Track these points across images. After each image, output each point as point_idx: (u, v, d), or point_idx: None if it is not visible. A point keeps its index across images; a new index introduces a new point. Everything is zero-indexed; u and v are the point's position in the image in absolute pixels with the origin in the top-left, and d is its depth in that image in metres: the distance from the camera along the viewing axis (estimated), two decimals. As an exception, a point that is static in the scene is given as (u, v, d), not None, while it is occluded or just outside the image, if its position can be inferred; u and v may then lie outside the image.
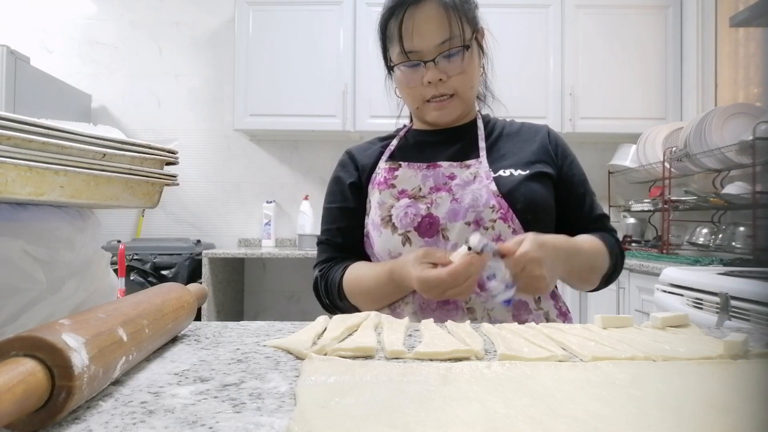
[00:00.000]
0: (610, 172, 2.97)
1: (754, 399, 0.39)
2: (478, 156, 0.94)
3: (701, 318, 1.47)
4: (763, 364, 0.48)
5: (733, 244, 2.06)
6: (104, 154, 0.54)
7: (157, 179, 0.62)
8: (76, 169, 0.51)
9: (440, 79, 0.90)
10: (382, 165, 0.98)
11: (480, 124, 0.99)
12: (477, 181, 0.90)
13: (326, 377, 0.41)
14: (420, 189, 0.92)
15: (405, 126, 1.07)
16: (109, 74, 3.13)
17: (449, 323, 0.63)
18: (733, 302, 1.39)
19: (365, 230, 0.98)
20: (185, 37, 3.14)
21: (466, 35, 0.89)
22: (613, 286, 2.24)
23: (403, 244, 0.90)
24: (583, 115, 2.79)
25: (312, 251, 2.64)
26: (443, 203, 0.89)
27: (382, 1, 0.94)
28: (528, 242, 0.74)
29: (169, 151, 0.63)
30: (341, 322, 0.61)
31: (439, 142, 0.99)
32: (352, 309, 0.93)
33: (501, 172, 0.91)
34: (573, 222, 0.96)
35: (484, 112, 1.06)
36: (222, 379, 0.43)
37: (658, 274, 1.81)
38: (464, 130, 0.99)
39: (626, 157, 2.82)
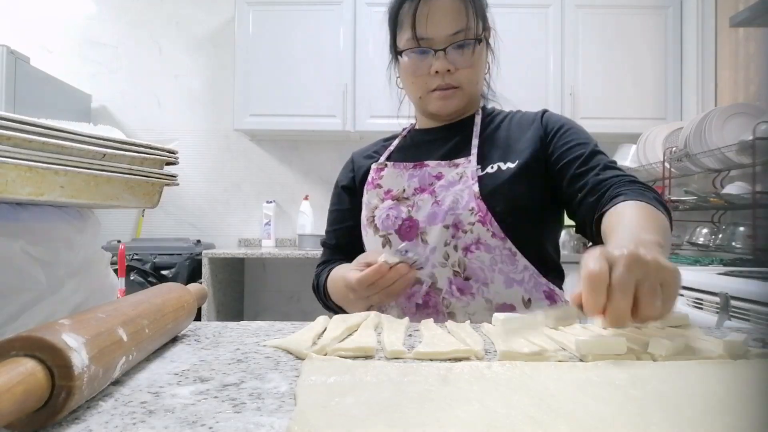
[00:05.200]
0: (610, 172, 2.96)
1: (754, 399, 0.39)
2: (469, 154, 0.91)
3: (701, 318, 1.47)
4: (763, 364, 0.48)
5: (733, 244, 2.06)
6: (104, 154, 0.54)
7: (157, 179, 0.62)
8: (76, 169, 0.51)
9: (448, 70, 0.88)
10: (373, 165, 0.97)
11: (478, 120, 0.96)
12: (462, 181, 0.87)
13: (326, 377, 0.41)
14: (404, 190, 0.91)
15: (409, 126, 1.07)
16: (109, 74, 3.12)
17: (449, 323, 0.63)
18: (733, 302, 1.39)
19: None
20: (185, 37, 3.14)
21: (478, 29, 0.88)
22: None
23: (383, 246, 0.90)
24: (583, 115, 2.79)
25: (312, 251, 2.64)
26: (424, 206, 0.88)
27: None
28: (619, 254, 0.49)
29: (169, 151, 0.63)
30: (341, 322, 0.61)
31: (433, 140, 0.97)
32: (341, 309, 0.93)
33: (489, 169, 0.88)
34: (574, 183, 0.85)
35: (489, 107, 1.03)
36: (222, 379, 0.43)
37: (658, 274, 1.81)
38: (462, 126, 0.97)
39: (626, 157, 2.82)
